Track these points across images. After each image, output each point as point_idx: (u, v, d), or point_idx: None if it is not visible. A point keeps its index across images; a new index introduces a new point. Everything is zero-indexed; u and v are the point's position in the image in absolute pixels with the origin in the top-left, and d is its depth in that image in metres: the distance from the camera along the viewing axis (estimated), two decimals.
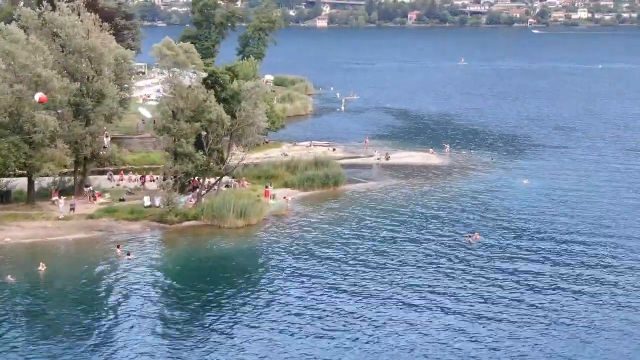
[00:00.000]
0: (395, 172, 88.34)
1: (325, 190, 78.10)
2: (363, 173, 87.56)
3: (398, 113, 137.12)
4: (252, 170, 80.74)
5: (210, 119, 67.44)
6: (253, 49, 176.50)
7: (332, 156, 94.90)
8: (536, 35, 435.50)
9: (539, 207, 72.82)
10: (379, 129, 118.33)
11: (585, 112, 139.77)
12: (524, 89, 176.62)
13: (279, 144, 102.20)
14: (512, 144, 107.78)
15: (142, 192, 73.10)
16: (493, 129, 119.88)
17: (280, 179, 79.04)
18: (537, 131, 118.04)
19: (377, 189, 79.76)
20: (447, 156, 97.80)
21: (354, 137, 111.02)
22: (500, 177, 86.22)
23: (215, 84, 71.96)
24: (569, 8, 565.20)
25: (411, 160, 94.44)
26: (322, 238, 62.64)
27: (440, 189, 79.74)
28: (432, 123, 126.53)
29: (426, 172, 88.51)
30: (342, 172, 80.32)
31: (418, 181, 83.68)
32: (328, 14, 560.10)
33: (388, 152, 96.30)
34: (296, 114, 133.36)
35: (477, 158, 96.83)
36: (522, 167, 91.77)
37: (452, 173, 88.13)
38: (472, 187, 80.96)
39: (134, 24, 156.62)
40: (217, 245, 61.27)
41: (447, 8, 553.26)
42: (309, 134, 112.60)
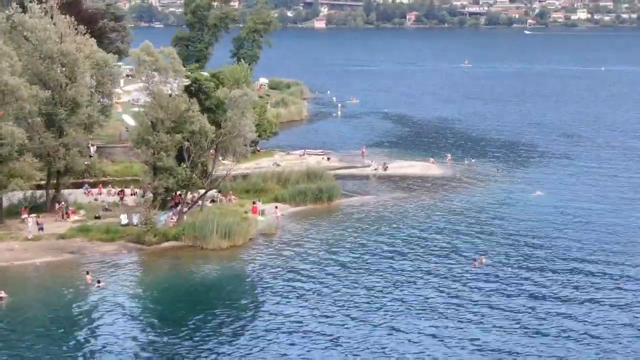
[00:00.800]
0: (393, 184, 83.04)
1: (319, 206, 72.75)
2: (359, 185, 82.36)
3: (397, 118, 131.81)
4: (240, 183, 75.42)
5: (193, 130, 62.09)
6: (247, 52, 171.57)
7: (327, 166, 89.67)
8: (529, 36, 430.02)
9: (552, 224, 67.43)
10: (376, 136, 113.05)
11: (592, 118, 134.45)
12: (526, 93, 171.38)
13: (271, 153, 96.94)
14: (518, 152, 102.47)
15: (120, 208, 67.72)
16: (496, 136, 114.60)
17: (270, 192, 73.73)
18: (544, 138, 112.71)
19: (374, 203, 74.43)
20: (449, 166, 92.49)
21: (350, 144, 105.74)
22: (507, 189, 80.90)
23: (198, 91, 66.65)
24: (568, 9, 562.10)
25: (410, 170, 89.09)
26: (314, 260, 57.31)
27: (442, 204, 74.41)
28: (433, 129, 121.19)
29: (427, 184, 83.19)
30: (336, 185, 74.97)
31: (418, 194, 78.32)
32: (326, 15, 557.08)
33: (386, 162, 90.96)
34: (290, 120, 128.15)
35: (481, 168, 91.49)
36: (530, 178, 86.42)
37: (454, 185, 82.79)
38: (477, 201, 75.62)
39: (123, 25, 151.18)
40: (198, 269, 55.96)
41: (446, 9, 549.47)
42: (303, 142, 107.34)
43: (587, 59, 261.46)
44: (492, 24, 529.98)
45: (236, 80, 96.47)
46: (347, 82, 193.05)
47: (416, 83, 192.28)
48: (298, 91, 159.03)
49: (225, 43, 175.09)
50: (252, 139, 66.98)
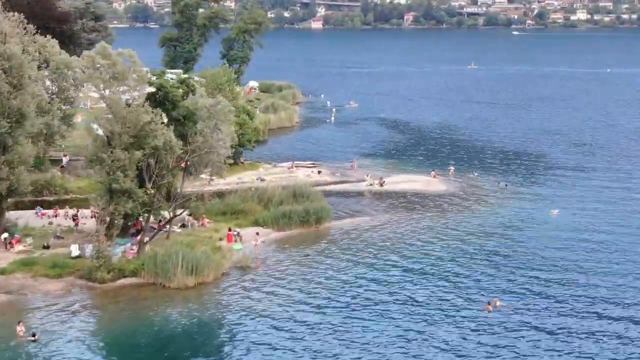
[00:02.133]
0: (390, 202, 73.92)
1: (306, 230, 63.59)
2: (352, 204, 73.20)
3: (394, 125, 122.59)
4: (215, 204, 66.03)
5: (156, 145, 52.84)
6: (238, 53, 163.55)
7: (317, 181, 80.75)
8: (525, 37, 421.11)
9: (573, 251, 58.68)
10: (371, 145, 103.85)
11: (603, 124, 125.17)
12: (532, 97, 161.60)
13: (256, 165, 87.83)
14: (526, 163, 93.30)
15: (74, 235, 58.50)
16: (502, 145, 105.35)
17: (250, 215, 64.45)
18: (553, 147, 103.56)
19: (368, 227, 65.23)
20: (452, 180, 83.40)
21: (343, 155, 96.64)
22: (518, 208, 71.92)
23: (164, 100, 57.46)
24: (568, 9, 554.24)
25: (410, 186, 79.92)
26: (299, 301, 48.32)
27: (446, 228, 65.22)
28: (434, 137, 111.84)
29: (428, 202, 74.01)
30: (325, 206, 65.65)
31: (418, 216, 69.13)
32: (323, 16, 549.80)
33: (382, 176, 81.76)
34: (280, 126, 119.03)
35: (487, 182, 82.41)
36: (543, 194, 77.43)
37: (459, 204, 73.62)
38: (485, 223, 66.51)
39: (104, 25, 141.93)
40: (158, 314, 46.85)
41: (444, 9, 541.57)
42: (292, 152, 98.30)
43: (593, 61, 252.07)
44: (491, 25, 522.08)
45: (219, 85, 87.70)
46: (342, 84, 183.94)
47: (415, 86, 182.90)
48: (290, 95, 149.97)
49: (215, 44, 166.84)
50: (227, 155, 57.63)
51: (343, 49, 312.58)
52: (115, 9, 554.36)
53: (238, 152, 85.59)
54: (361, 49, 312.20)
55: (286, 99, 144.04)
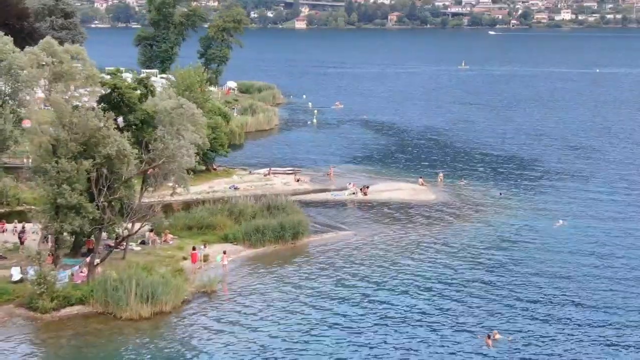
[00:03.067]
0: (375, 213, 67.72)
1: (281, 246, 57.16)
2: (333, 215, 66.84)
3: (379, 128, 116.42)
4: (180, 218, 59.39)
5: (109, 154, 46.36)
6: (216, 52, 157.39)
7: (295, 189, 74.65)
8: (496, 37, 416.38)
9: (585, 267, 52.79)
10: (355, 150, 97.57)
11: (598, 126, 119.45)
12: (521, 98, 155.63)
13: (230, 172, 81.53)
14: (520, 169, 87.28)
15: (20, 255, 51.87)
16: (494, 149, 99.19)
17: (219, 230, 57.95)
18: (548, 152, 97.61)
19: (351, 242, 58.93)
20: (441, 187, 77.34)
21: (325, 160, 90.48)
22: (516, 219, 65.96)
23: (120, 103, 51.02)
24: (552, 9, 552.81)
25: (396, 195, 73.67)
26: (268, 333, 41.93)
27: (437, 243, 59.03)
28: (421, 141, 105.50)
29: (416, 213, 67.83)
30: (303, 219, 59.18)
31: (405, 229, 62.91)
32: (307, 16, 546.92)
33: (366, 184, 75.51)
34: (258, 129, 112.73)
35: (479, 191, 76.32)
36: (542, 203, 71.46)
37: (450, 214, 67.46)
38: (480, 237, 60.42)
39: (74, 23, 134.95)
40: (107, 350, 40.39)
41: (428, 9, 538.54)
42: (270, 157, 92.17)
43: (581, 61, 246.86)
44: (475, 25, 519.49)
45: (190, 85, 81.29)
46: (325, 85, 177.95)
47: (401, 87, 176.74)
48: (270, 96, 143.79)
49: (192, 43, 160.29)
50: (190, 164, 51.15)
51: (326, 49, 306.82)
52: (97, 9, 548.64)
53: (210, 157, 79.44)
54: (345, 49, 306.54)
55: (266, 100, 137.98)
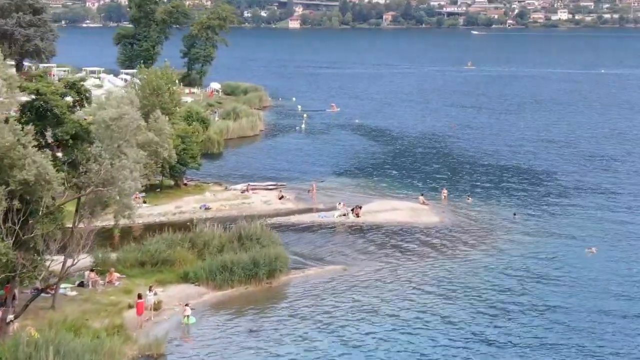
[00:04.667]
0: (368, 240, 57.17)
1: (253, 287, 46.55)
2: (319, 243, 56.24)
3: (374, 134, 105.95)
4: (130, 252, 48.53)
5: (25, 179, 35.78)
6: (200, 51, 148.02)
7: (278, 209, 64.34)
8: (480, 37, 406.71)
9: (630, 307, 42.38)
10: (346, 160, 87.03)
11: (613, 132, 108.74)
12: (528, 100, 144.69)
13: (202, 188, 71.01)
14: (536, 183, 76.87)
15: None
16: (502, 160, 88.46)
17: (178, 266, 47.30)
18: (562, 162, 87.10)
19: (339, 280, 48.39)
20: (444, 206, 66.94)
21: (313, 172, 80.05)
22: (538, 245, 55.72)
23: (45, 113, 40.50)
24: (549, 9, 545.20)
25: (393, 216, 63.03)
26: None
27: (442, 279, 48.60)
28: (421, 151, 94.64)
29: (417, 239, 57.37)
30: (281, 252, 48.51)
31: (404, 260, 52.43)
32: (301, 15, 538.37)
33: (359, 203, 64.93)
34: (241, 135, 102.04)
35: (490, 210, 65.93)
36: (566, 225, 61.14)
37: (457, 241, 56.97)
38: (495, 271, 50.09)
39: (43, 19, 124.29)
40: None
41: (423, 9, 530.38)
42: (251, 169, 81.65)
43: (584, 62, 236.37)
44: (471, 25, 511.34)
45: (157, 88, 70.89)
46: (317, 87, 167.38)
47: (398, 89, 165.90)
48: (256, 98, 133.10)
49: (176, 41, 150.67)
50: (135, 189, 40.61)
51: (320, 49, 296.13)
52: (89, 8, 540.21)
53: (179, 171, 69.06)
54: (339, 49, 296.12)
55: (252, 102, 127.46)
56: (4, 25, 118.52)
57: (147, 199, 64.86)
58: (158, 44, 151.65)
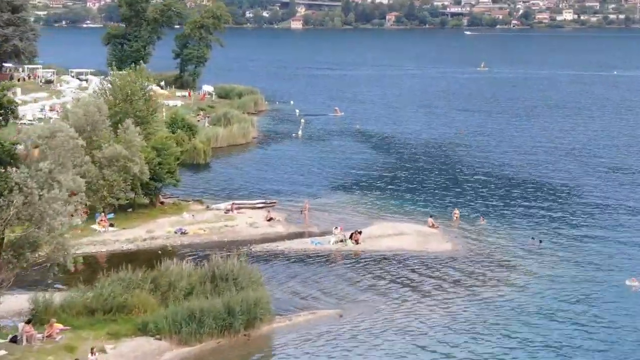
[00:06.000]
0: (369, 274, 48.52)
1: (227, 342, 37.95)
2: (310, 279, 47.43)
3: (376, 142, 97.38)
4: (76, 297, 39.46)
5: None
6: (193, 52, 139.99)
7: (265, 233, 55.99)
8: (471, 38, 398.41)
9: None
10: (345, 173, 78.35)
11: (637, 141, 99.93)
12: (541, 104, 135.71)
13: (181, 206, 62.41)
14: (557, 198, 68.29)
15: None
16: (520, 172, 79.63)
17: (136, 314, 38.59)
18: (589, 176, 78.15)
19: (334, 329, 39.81)
20: (456, 229, 58.44)
21: (307, 187, 71.63)
22: (569, 279, 47.32)
23: None
24: (554, 9, 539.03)
25: (397, 242, 54.40)
26: None
27: (460, 323, 40.16)
28: (428, 162, 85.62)
29: (426, 272, 48.77)
30: (262, 296, 39.74)
31: (413, 300, 43.90)
32: (303, 15, 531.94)
33: (358, 228, 56.27)
34: (232, 143, 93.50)
35: (509, 234, 57.38)
36: (601, 253, 52.50)
37: (474, 274, 48.38)
38: (521, 310, 41.87)
39: (23, 18, 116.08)
40: None
41: (427, 9, 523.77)
42: (239, 183, 73.20)
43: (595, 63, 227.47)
44: (475, 25, 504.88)
45: (132, 92, 62.53)
46: (317, 89, 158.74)
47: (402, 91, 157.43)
48: (251, 102, 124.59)
49: (168, 41, 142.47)
50: (70, 225, 32.10)
51: (321, 50, 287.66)
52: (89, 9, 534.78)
53: (154, 188, 60.69)
54: (341, 50, 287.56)
55: (246, 106, 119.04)
56: None
57: (116, 222, 56.58)
58: (149, 44, 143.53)
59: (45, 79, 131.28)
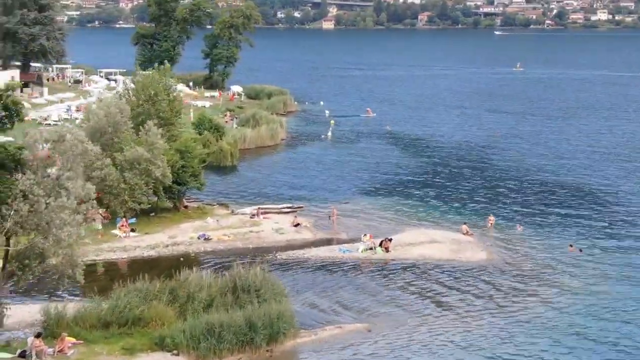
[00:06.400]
0: (400, 285, 46.00)
1: (248, 357, 35.69)
2: (338, 290, 44.89)
3: (407, 144, 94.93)
4: (90, 309, 37.35)
5: None
6: (222, 52, 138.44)
7: (291, 239, 53.80)
8: (501, 37, 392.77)
9: None
10: (374, 177, 75.91)
11: None
12: (580, 106, 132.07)
13: (205, 211, 60.39)
14: (598, 205, 65.24)
15: None
16: (559, 177, 76.53)
17: (154, 326, 36.52)
18: (628, 179, 75.03)
19: (362, 345, 37.36)
20: (491, 236, 55.82)
21: (336, 191, 69.33)
22: (615, 291, 44.52)
23: None
24: (588, 9, 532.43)
25: (430, 251, 51.92)
26: None
27: (499, 341, 37.55)
28: (460, 163, 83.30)
29: (461, 284, 46.21)
30: (286, 310, 37.47)
31: (448, 314, 41.34)
32: (335, 16, 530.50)
33: (388, 235, 53.87)
34: (260, 145, 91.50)
35: (548, 242, 54.67)
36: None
37: (512, 286, 45.71)
38: (565, 329, 39.12)
39: (50, 17, 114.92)
40: None
41: (460, 9, 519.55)
42: (266, 186, 71.05)
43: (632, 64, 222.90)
44: (508, 25, 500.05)
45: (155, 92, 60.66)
46: (348, 90, 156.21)
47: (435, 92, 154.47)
48: (280, 102, 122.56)
49: (198, 41, 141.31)
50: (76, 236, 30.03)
51: (353, 50, 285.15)
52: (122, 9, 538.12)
53: (178, 192, 58.77)
54: (372, 50, 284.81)
55: (275, 107, 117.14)
56: (6, 23, 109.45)
57: (138, 226, 54.72)
58: (179, 44, 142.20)
59: (74, 79, 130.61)
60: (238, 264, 41.25)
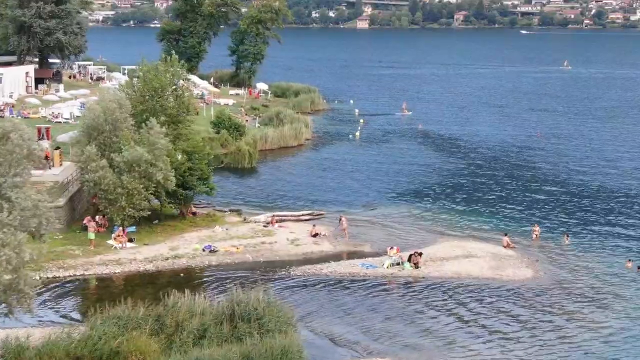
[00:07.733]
0: (430, 308, 39.42)
1: None
2: (358, 316, 38.45)
3: (440, 144, 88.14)
4: (58, 342, 30.99)
5: None
6: (249, 48, 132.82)
7: (308, 252, 47.32)
8: (529, 36, 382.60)
9: None
10: (404, 180, 69.26)
11: None
12: (625, 107, 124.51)
13: (215, 218, 54.29)
14: None
15: None
16: (604, 180, 69.86)
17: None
18: None
19: None
20: (537, 250, 49.06)
21: (361, 196, 62.87)
22: None
23: None
24: (627, 9, 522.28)
25: (466, 267, 45.23)
26: None
27: None
28: (498, 167, 76.49)
29: (504, 307, 39.56)
30: (293, 342, 30.91)
31: (485, 349, 34.79)
32: (369, 15, 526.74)
33: (417, 249, 47.27)
34: (282, 146, 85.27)
35: (600, 257, 47.91)
36: None
37: (564, 311, 39.06)
38: None
39: (67, 10, 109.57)
40: None
41: (496, 8, 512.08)
42: (284, 191, 64.72)
43: None
44: (546, 25, 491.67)
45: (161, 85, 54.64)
46: (379, 88, 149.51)
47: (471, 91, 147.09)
48: (307, 101, 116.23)
49: (224, 37, 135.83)
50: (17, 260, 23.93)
51: (386, 49, 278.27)
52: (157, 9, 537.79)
53: (185, 197, 52.72)
54: (406, 49, 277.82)
55: (302, 106, 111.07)
56: (21, 16, 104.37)
57: (137, 236, 48.80)
58: (205, 40, 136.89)
59: (96, 75, 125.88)
60: (237, 286, 34.98)
